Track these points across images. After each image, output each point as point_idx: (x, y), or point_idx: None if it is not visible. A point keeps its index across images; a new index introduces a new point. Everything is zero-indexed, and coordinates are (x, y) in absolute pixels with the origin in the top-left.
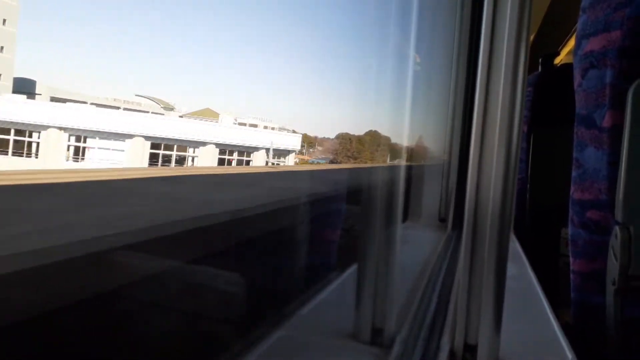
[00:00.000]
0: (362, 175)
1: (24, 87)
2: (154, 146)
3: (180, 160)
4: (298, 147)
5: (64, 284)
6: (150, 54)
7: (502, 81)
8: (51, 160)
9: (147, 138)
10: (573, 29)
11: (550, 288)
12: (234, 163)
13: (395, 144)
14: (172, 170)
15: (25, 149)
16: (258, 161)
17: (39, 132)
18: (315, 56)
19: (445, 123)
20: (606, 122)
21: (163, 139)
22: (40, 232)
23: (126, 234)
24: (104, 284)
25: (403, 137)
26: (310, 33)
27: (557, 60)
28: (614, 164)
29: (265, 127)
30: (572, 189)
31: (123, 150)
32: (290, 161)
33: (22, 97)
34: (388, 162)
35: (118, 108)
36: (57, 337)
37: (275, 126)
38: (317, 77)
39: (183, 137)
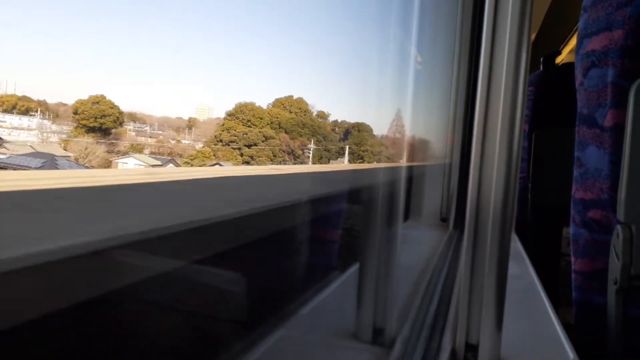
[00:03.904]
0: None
1: None
2: None
3: None
4: None
5: None
6: None
7: (503, 80)
8: None
9: None
10: (575, 28)
11: (552, 288)
12: None
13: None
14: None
15: None
16: None
17: None
18: (317, 53)
19: (446, 122)
20: (608, 121)
21: None
22: None
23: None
24: None
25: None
26: (311, 32)
27: (559, 60)
28: (615, 163)
29: None
30: (574, 188)
31: None
32: None
33: None
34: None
35: None
36: None
37: None
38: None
39: None
